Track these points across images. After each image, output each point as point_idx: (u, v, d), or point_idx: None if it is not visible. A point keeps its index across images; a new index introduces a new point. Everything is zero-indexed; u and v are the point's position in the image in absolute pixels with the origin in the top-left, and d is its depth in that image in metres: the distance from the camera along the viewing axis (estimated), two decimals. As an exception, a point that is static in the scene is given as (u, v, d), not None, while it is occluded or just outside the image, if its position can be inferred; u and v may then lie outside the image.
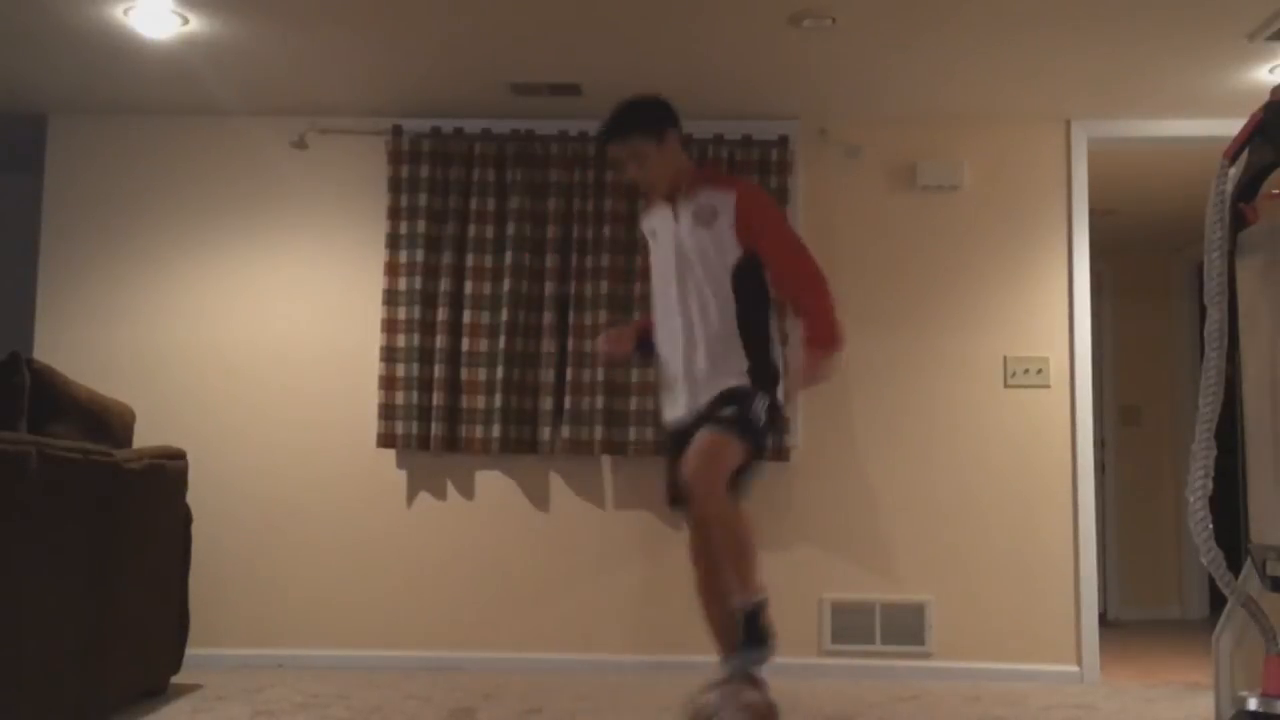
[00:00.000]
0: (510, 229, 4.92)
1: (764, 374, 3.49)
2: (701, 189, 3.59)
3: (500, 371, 4.84)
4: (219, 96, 4.87)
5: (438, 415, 4.85)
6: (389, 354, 4.89)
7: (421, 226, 4.93)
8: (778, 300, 3.66)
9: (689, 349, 3.53)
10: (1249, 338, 2.17)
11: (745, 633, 3.38)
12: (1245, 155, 2.17)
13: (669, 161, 3.63)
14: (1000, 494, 4.89)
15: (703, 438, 3.37)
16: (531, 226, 4.95)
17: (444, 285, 4.92)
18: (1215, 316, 2.11)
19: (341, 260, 5.06)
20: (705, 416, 3.44)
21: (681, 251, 3.56)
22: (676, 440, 3.56)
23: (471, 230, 4.95)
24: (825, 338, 3.48)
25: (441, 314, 4.91)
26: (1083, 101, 4.82)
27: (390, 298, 4.92)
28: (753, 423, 3.42)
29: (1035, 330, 4.96)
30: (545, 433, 4.85)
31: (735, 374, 3.47)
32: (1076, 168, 4.99)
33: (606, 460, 4.93)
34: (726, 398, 3.44)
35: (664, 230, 3.64)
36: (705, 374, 3.51)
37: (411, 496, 4.97)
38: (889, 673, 4.78)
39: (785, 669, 4.80)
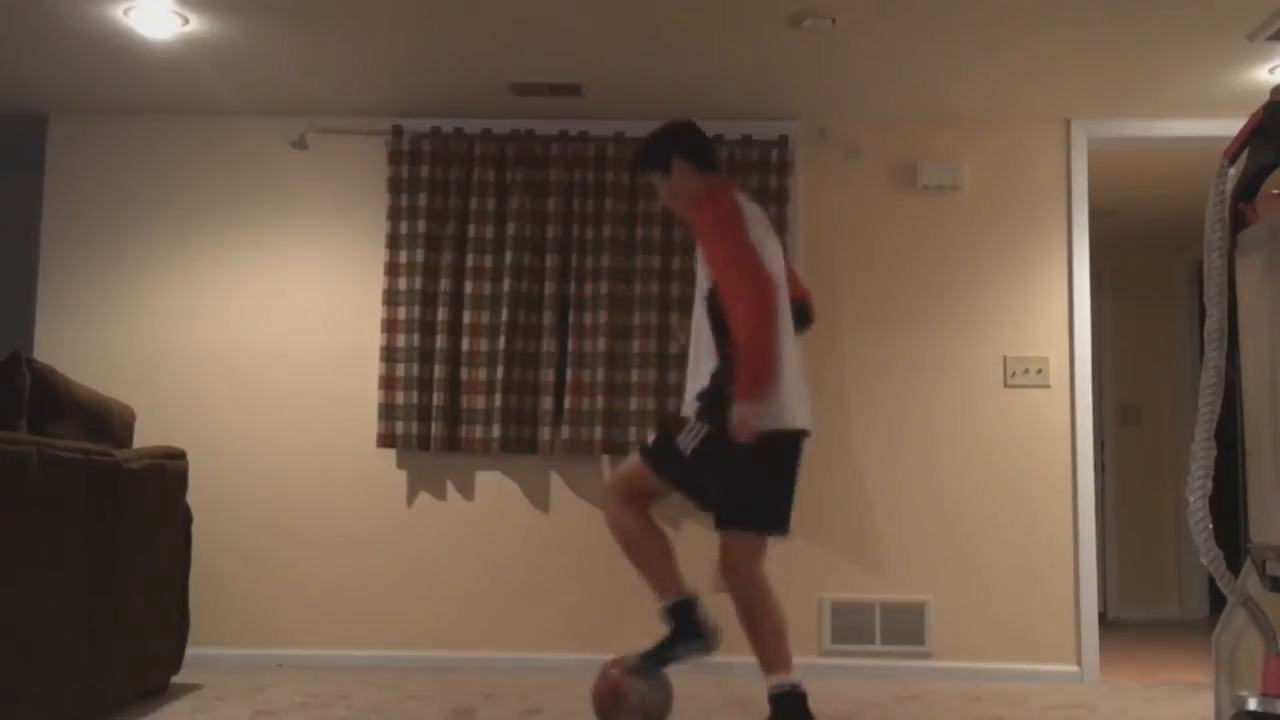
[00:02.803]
0: (510, 229, 4.92)
1: (714, 403, 3.37)
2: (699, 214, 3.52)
3: (500, 371, 4.84)
4: (219, 96, 4.87)
5: (438, 415, 4.85)
6: (389, 354, 4.89)
7: (421, 226, 4.93)
8: None
9: (689, 372, 3.56)
10: (1249, 338, 2.16)
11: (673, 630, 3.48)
12: (1245, 155, 2.17)
13: (682, 190, 3.58)
14: (1000, 494, 4.89)
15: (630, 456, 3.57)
16: (531, 226, 4.95)
17: (444, 285, 4.92)
18: (1215, 316, 2.11)
19: (341, 260, 5.06)
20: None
21: (697, 279, 3.56)
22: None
23: (471, 230, 4.95)
24: (742, 387, 3.28)
25: (441, 314, 4.91)
26: (1083, 101, 4.83)
27: (390, 298, 4.92)
28: (671, 453, 3.39)
29: (1035, 330, 4.96)
30: (545, 433, 4.85)
31: (692, 402, 3.46)
32: (1076, 168, 4.99)
33: (606, 460, 4.93)
34: (670, 423, 3.51)
35: None
36: (688, 396, 3.53)
37: (411, 496, 4.97)
38: (889, 673, 4.78)
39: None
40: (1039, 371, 4.92)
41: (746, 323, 3.27)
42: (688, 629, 3.43)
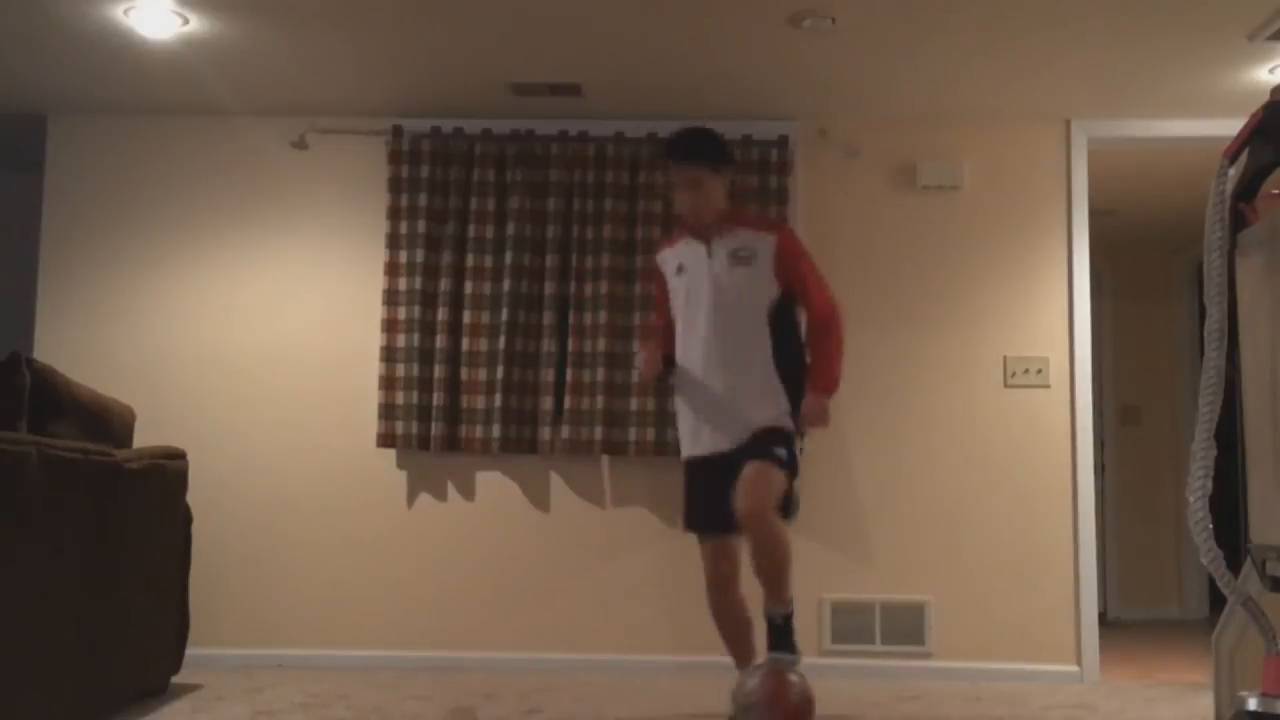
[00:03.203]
0: (510, 229, 4.93)
1: (798, 414, 3.62)
2: (738, 229, 3.66)
3: (500, 371, 4.84)
4: (219, 96, 4.87)
5: (438, 415, 4.85)
6: (389, 354, 4.90)
7: (421, 226, 4.93)
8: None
9: (727, 386, 3.59)
10: (1249, 338, 2.16)
11: (778, 637, 3.51)
12: (1245, 155, 2.17)
13: (717, 196, 3.68)
14: (1000, 494, 4.89)
15: (756, 470, 3.48)
16: (531, 226, 4.95)
17: (444, 285, 4.92)
18: (1215, 316, 2.11)
19: (341, 260, 5.06)
20: (755, 451, 3.52)
21: (718, 289, 3.61)
22: (705, 470, 3.63)
23: (471, 230, 4.95)
24: (831, 383, 3.63)
25: (441, 314, 4.91)
26: (1083, 101, 4.83)
27: (390, 298, 4.92)
28: (795, 463, 3.61)
29: (1035, 330, 4.96)
30: (545, 433, 4.86)
31: (777, 414, 3.58)
32: (1076, 168, 4.99)
33: (606, 460, 4.94)
34: (775, 437, 3.55)
35: (697, 266, 3.66)
36: (742, 411, 3.57)
37: (411, 496, 4.97)
38: (889, 673, 4.78)
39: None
40: (1039, 371, 4.92)
41: (842, 325, 3.68)
42: (792, 629, 3.58)
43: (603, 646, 4.85)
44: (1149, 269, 7.37)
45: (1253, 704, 1.98)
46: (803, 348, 3.69)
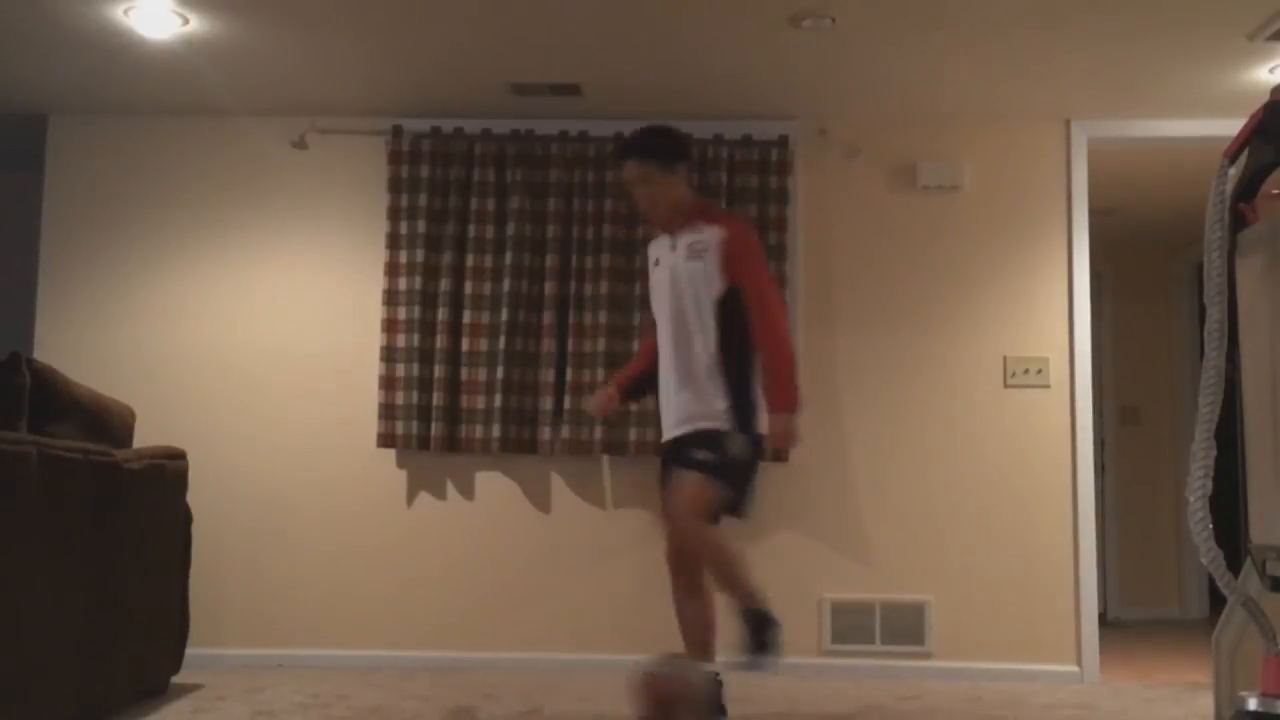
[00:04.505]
0: (510, 229, 4.93)
1: (743, 410, 3.58)
2: (697, 223, 3.69)
3: (500, 371, 4.84)
4: (219, 96, 4.87)
5: (438, 415, 4.85)
6: (389, 354, 4.90)
7: (421, 226, 4.93)
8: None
9: (678, 376, 3.66)
10: (1249, 337, 2.16)
11: (751, 636, 3.49)
12: (1245, 155, 2.17)
13: (673, 192, 3.71)
14: (1000, 494, 4.89)
15: (682, 481, 3.52)
16: (531, 226, 4.95)
17: (444, 285, 4.92)
18: (1215, 316, 2.11)
19: (341, 260, 5.06)
20: (684, 456, 3.57)
21: (676, 280, 3.68)
22: (665, 461, 3.73)
23: (471, 230, 4.95)
24: (779, 401, 3.56)
25: (441, 314, 4.91)
26: (1083, 101, 4.83)
27: (390, 298, 4.92)
28: (729, 464, 3.54)
29: (1035, 330, 4.96)
30: (545, 433, 4.86)
31: (714, 413, 3.58)
32: (1076, 168, 4.99)
33: (606, 460, 4.94)
34: (703, 439, 3.56)
35: (664, 259, 3.75)
36: (687, 403, 3.63)
37: (411, 496, 4.97)
38: (889, 673, 4.78)
39: (785, 669, 4.81)
40: (1039, 371, 4.92)
41: (788, 342, 3.62)
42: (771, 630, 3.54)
43: (603, 646, 4.85)
44: (1149, 269, 7.37)
45: (1253, 704, 1.98)
46: (751, 344, 3.64)
